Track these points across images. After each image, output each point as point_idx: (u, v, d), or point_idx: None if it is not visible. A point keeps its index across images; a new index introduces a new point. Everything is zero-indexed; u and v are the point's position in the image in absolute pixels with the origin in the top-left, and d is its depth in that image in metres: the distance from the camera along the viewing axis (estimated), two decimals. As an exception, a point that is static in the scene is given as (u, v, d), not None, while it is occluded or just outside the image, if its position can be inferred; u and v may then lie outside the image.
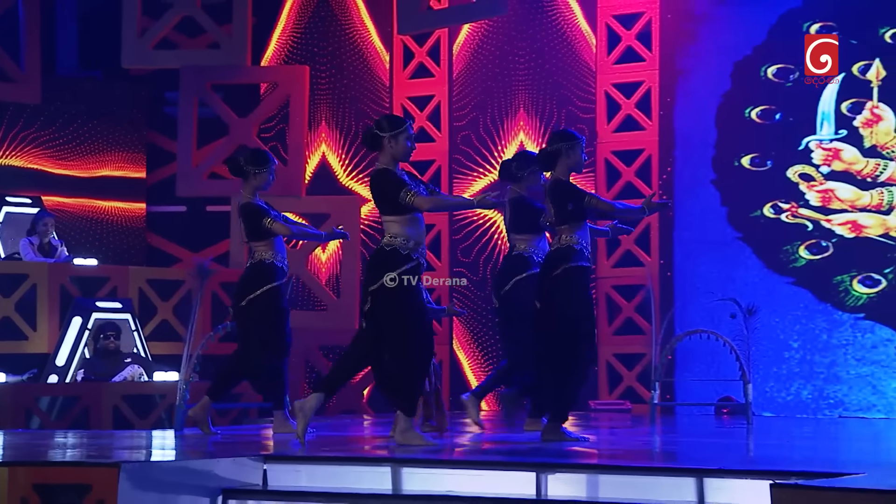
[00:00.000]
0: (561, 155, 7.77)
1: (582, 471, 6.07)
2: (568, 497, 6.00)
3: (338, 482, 6.47)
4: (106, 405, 10.55)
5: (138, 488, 5.94)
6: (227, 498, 6.37)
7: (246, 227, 8.85)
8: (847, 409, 12.01)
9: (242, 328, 8.83)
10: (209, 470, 6.39)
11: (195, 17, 13.28)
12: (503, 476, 6.17)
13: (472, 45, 13.75)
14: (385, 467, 6.40)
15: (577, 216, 7.72)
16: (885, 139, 12.17)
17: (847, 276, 12.16)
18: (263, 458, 6.63)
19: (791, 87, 12.54)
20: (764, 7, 12.66)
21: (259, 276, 8.76)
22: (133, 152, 14.32)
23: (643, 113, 12.87)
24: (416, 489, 6.30)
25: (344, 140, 14.10)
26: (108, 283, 12.19)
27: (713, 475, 5.80)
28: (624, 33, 12.99)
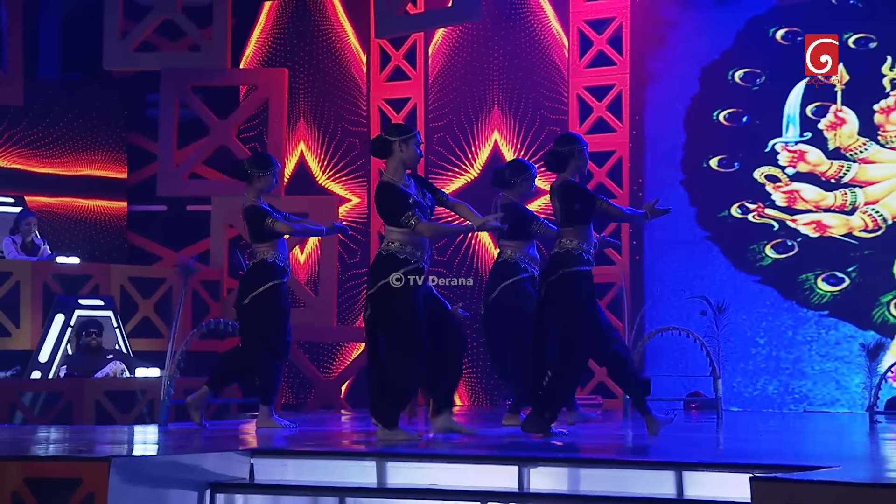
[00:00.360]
0: (572, 157, 7.77)
1: (563, 464, 6.06)
2: (550, 490, 5.99)
3: (324, 476, 6.43)
4: (88, 401, 10.48)
5: (128, 482, 5.90)
6: (215, 492, 6.33)
7: (249, 230, 8.82)
8: (811, 403, 12.05)
9: (244, 326, 8.81)
10: (197, 464, 6.35)
11: (175, 20, 13.20)
12: (486, 470, 6.16)
13: (448, 49, 13.73)
14: (370, 461, 6.38)
15: (582, 218, 7.68)
16: (849, 141, 12.22)
17: (812, 274, 12.21)
18: (250, 452, 6.59)
19: (757, 90, 12.58)
20: (731, 13, 12.70)
21: (260, 274, 8.74)
22: (114, 153, 14.23)
23: (614, 115, 12.87)
24: (401, 483, 6.29)
25: (322, 141, 14.06)
26: (90, 281, 12.14)
27: (692, 468, 5.80)
28: (595, 38, 13.00)
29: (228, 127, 13.24)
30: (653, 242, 12.41)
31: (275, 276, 8.73)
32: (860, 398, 11.74)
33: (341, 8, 14.17)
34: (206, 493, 6.31)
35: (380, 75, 13.86)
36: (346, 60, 14.12)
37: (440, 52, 13.76)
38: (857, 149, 12.18)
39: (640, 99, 12.92)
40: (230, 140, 13.18)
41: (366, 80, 13.99)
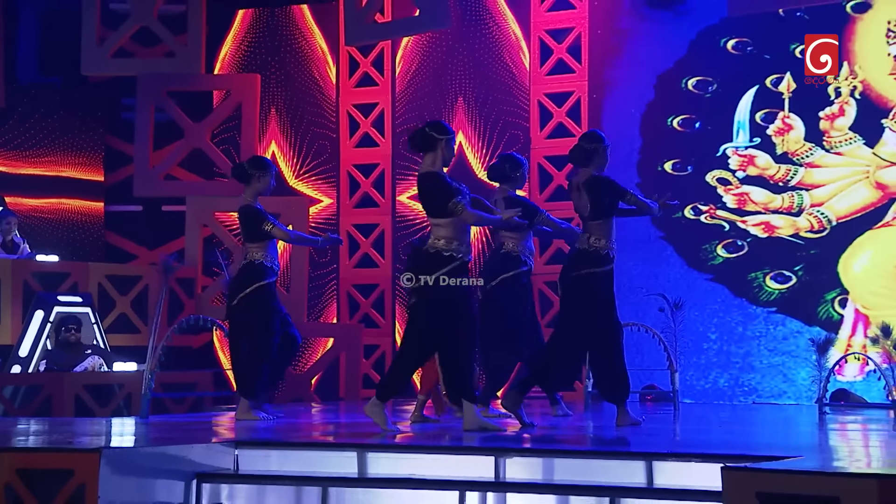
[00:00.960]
0: (596, 154, 7.86)
1: (538, 455, 6.06)
2: (525, 479, 5.98)
3: (306, 466, 6.40)
4: (68, 394, 10.38)
5: (118, 473, 5.86)
6: (202, 482, 6.30)
7: (244, 228, 8.77)
8: (760, 395, 12.09)
9: (232, 325, 8.76)
10: (184, 455, 6.31)
11: (151, 27, 13.13)
12: (463, 460, 6.14)
13: (415, 57, 13.70)
14: (351, 452, 6.35)
15: (610, 211, 7.80)
16: (796, 147, 12.27)
17: (760, 273, 12.24)
18: (235, 443, 6.55)
19: (710, 98, 12.60)
20: (684, 24, 12.71)
21: (249, 275, 8.71)
22: (92, 155, 14.09)
23: (573, 121, 12.86)
24: (381, 472, 6.26)
25: (293, 144, 13.99)
26: (68, 279, 12.05)
27: (662, 459, 5.80)
28: (555, 47, 12.99)
29: (202, 130, 13.17)
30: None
31: (263, 276, 8.70)
32: (806, 390, 11.80)
33: (311, 17, 14.12)
34: (193, 483, 6.28)
35: (348, 81, 13.80)
36: (316, 67, 14.07)
37: (407, 60, 13.73)
38: (804, 154, 12.23)
39: (598, 105, 12.92)
40: (204, 143, 13.12)
41: (335, 86, 13.94)
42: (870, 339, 11.22)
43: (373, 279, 13.59)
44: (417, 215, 13.53)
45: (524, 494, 5.84)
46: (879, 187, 11.95)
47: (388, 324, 13.47)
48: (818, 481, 4.79)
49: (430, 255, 7.25)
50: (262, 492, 6.24)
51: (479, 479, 5.98)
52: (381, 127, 13.69)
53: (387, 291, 13.51)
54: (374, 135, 13.69)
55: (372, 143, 13.70)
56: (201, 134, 13.13)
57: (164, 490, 6.16)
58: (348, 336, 13.02)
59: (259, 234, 8.68)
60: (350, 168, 13.76)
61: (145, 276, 12.57)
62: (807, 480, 4.82)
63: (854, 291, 11.90)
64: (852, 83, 12.10)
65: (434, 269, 7.19)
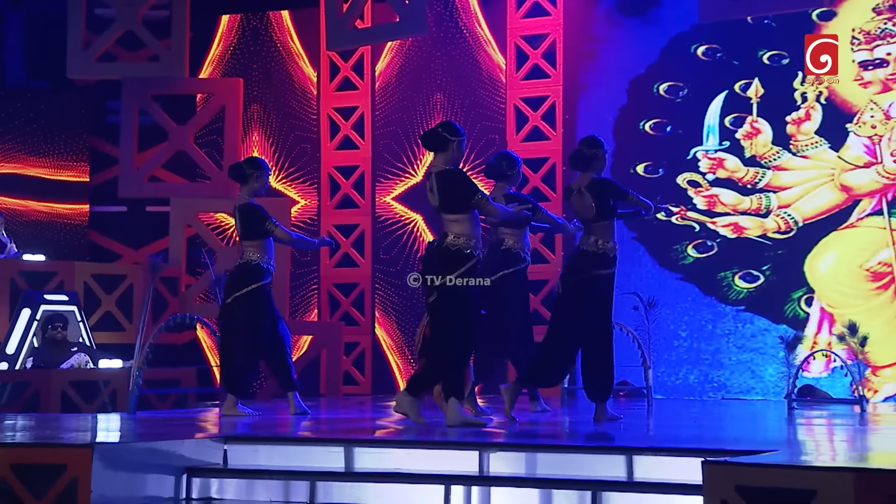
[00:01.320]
0: (596, 159, 7.90)
1: (521, 450, 6.05)
2: (508, 474, 5.96)
3: (294, 461, 6.37)
4: (54, 390, 10.31)
5: (110, 468, 5.82)
6: (191, 476, 6.27)
7: (242, 226, 8.71)
8: (729, 391, 12.13)
9: (225, 323, 8.72)
10: (174, 450, 6.27)
11: (136, 32, 13.03)
12: (448, 455, 6.13)
13: (394, 61, 13.69)
14: (338, 447, 6.32)
15: (613, 213, 7.83)
16: (763, 150, 12.31)
17: (729, 272, 12.28)
18: (224, 438, 6.51)
19: (680, 102, 12.63)
20: (656, 30, 12.74)
21: (246, 275, 8.66)
22: (77, 157, 14.01)
23: (548, 124, 12.87)
24: (368, 467, 6.24)
25: (275, 146, 13.96)
26: (55, 278, 11.98)
27: (641, 453, 5.80)
28: (531, 52, 12.99)
29: (186, 133, 13.10)
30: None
31: (259, 277, 8.67)
32: (773, 386, 11.85)
33: (292, 22, 14.09)
34: (183, 477, 6.24)
35: (329, 85, 13.76)
36: (297, 71, 14.05)
37: (386, 64, 13.71)
38: (771, 157, 12.27)
39: (572, 109, 12.93)
40: (188, 145, 13.05)
41: (316, 90, 13.91)
42: (836, 336, 11.28)
43: (353, 278, 13.56)
44: (396, 216, 13.53)
45: (508, 488, 5.82)
46: (844, 189, 12.00)
47: (367, 322, 13.45)
48: (796, 475, 4.79)
49: (451, 252, 7.22)
50: (252, 486, 6.20)
51: (463, 473, 5.97)
52: (360, 130, 13.66)
53: (366, 290, 13.49)
54: (354, 137, 13.67)
55: (352, 146, 13.67)
56: (185, 136, 13.05)
57: (155, 484, 6.12)
58: (329, 334, 12.99)
59: (258, 232, 8.64)
60: (331, 170, 13.72)
61: (130, 275, 12.52)
62: (785, 474, 4.83)
63: (819, 290, 11.96)
64: (818, 89, 12.15)
65: (457, 267, 7.18)
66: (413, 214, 13.46)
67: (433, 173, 7.35)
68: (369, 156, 13.62)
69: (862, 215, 11.90)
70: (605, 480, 5.70)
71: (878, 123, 11.91)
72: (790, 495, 4.73)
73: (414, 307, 13.37)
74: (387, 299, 13.50)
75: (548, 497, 5.69)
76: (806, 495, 4.69)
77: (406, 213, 13.50)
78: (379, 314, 13.53)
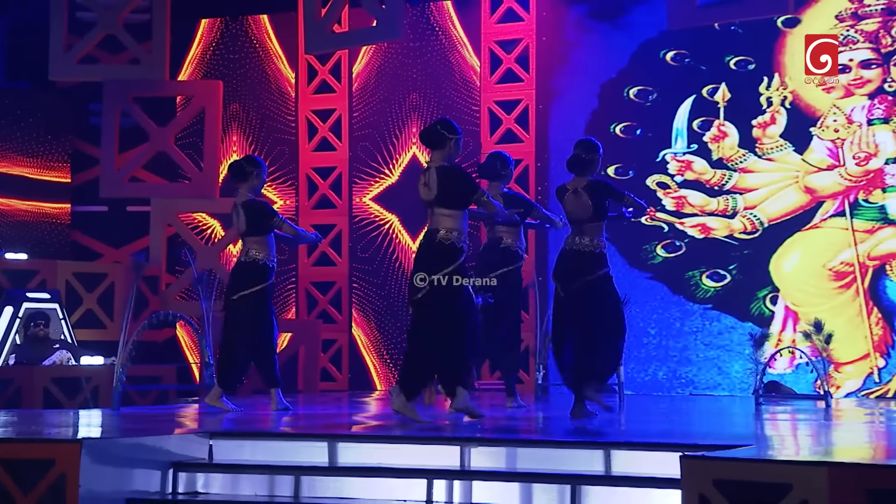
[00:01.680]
0: (594, 164, 8.08)
1: (501, 444, 6.03)
2: (489, 468, 5.95)
3: (278, 456, 6.34)
4: (37, 387, 10.25)
5: (97, 462, 5.79)
6: (177, 471, 6.23)
7: (250, 223, 8.62)
8: (696, 387, 12.15)
9: (229, 319, 8.66)
10: (161, 445, 6.24)
11: (117, 35, 12.89)
12: (430, 449, 6.10)
13: (371, 65, 13.65)
14: (322, 442, 6.29)
15: (606, 214, 7.93)
16: (730, 153, 12.34)
17: (697, 271, 12.30)
18: (209, 434, 6.47)
19: (650, 106, 12.64)
20: (626, 36, 12.75)
21: (253, 274, 8.60)
22: (59, 157, 13.91)
23: (521, 127, 12.86)
24: (351, 462, 6.21)
25: (253, 148, 13.89)
26: (37, 276, 11.92)
27: (619, 448, 5.80)
28: (505, 57, 12.98)
29: (167, 134, 13.01)
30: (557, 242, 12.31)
31: (266, 277, 8.63)
32: (739, 382, 11.89)
33: (271, 26, 14.04)
34: (170, 472, 6.20)
35: (307, 88, 13.69)
36: (276, 74, 13.99)
37: (364, 67, 13.68)
38: (738, 159, 12.31)
39: (545, 113, 12.93)
40: (168, 146, 12.97)
41: (294, 92, 13.85)
42: (802, 334, 11.33)
43: (330, 277, 13.51)
44: (373, 216, 13.50)
45: (489, 482, 5.81)
46: (808, 191, 12.05)
47: (344, 319, 13.41)
48: (772, 469, 4.81)
49: (445, 246, 7.19)
50: (237, 480, 6.17)
51: (445, 467, 5.95)
52: (338, 132, 13.62)
53: (344, 289, 13.44)
54: (331, 139, 13.62)
55: (330, 147, 13.62)
56: (165, 138, 12.97)
57: (142, 479, 6.08)
58: (307, 331, 12.94)
59: (264, 228, 8.61)
60: (309, 171, 13.67)
61: (111, 273, 12.45)
62: (761, 468, 4.84)
63: (784, 289, 12.00)
64: (783, 93, 12.20)
65: (451, 262, 7.14)
66: (389, 215, 13.43)
67: (431, 168, 7.31)
68: (346, 157, 13.57)
69: (825, 216, 11.94)
70: (583, 474, 5.70)
71: (840, 127, 11.97)
72: (766, 489, 4.75)
73: (391, 305, 13.35)
74: (363, 298, 13.46)
75: (528, 491, 5.69)
76: (781, 489, 4.70)
77: (382, 213, 13.47)
78: (356, 312, 13.49)
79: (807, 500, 4.64)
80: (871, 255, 11.73)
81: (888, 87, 11.84)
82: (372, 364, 13.38)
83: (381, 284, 13.42)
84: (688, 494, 4.87)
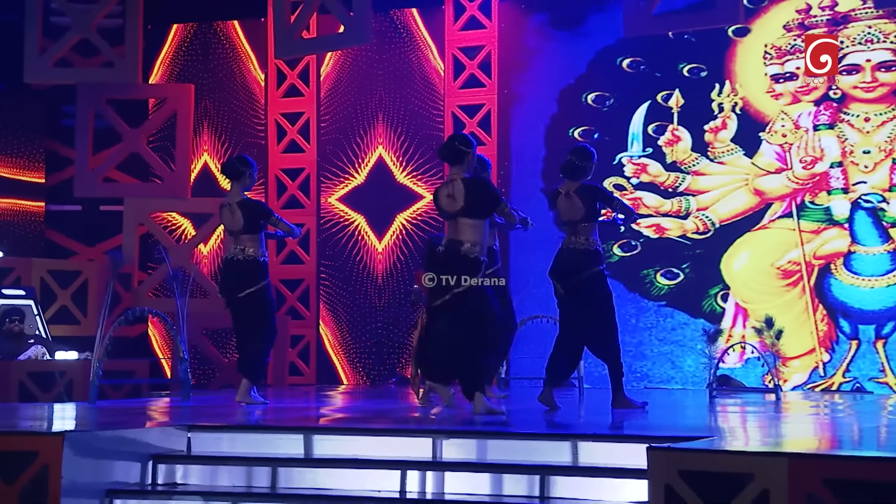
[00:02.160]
0: (587, 170, 8.14)
1: (472, 436, 6.01)
2: (461, 459, 5.94)
3: (254, 448, 6.29)
4: (12, 381, 10.11)
5: (79, 454, 5.72)
6: (157, 462, 6.16)
7: (245, 220, 8.55)
8: (651, 381, 12.21)
9: (237, 315, 8.61)
10: (140, 438, 6.17)
11: (91, 39, 12.77)
12: (403, 442, 6.08)
13: (338, 69, 13.61)
14: (297, 435, 6.25)
15: (597, 215, 8.03)
16: (683, 156, 12.41)
17: (652, 270, 12.36)
18: (188, 427, 6.41)
19: (607, 111, 12.68)
20: (584, 44, 12.79)
21: (256, 272, 8.55)
22: (34, 158, 13.78)
23: (484, 131, 12.85)
24: (326, 453, 6.17)
25: (224, 149, 13.82)
26: (12, 273, 11.83)
27: (586, 439, 5.80)
28: (468, 63, 12.97)
29: (139, 136, 12.91)
30: (517, 241, 12.41)
31: (266, 275, 8.62)
32: (692, 376, 11.96)
33: (242, 32, 13.96)
34: (149, 464, 6.13)
35: (276, 91, 13.64)
36: (246, 78, 13.92)
37: (331, 72, 13.64)
38: (691, 163, 12.38)
39: (506, 117, 12.94)
40: (141, 147, 12.87)
41: (264, 96, 13.78)
42: (754, 329, 11.40)
43: (299, 274, 13.46)
44: (339, 216, 13.46)
45: (460, 473, 5.79)
46: (757, 193, 12.13)
47: (312, 316, 13.36)
48: (735, 460, 4.82)
49: (470, 259, 7.20)
50: (215, 472, 6.11)
51: (418, 459, 5.92)
52: (306, 134, 13.57)
53: (311, 286, 13.39)
54: (300, 141, 13.57)
55: (298, 150, 13.58)
56: (138, 139, 12.86)
57: (122, 470, 6.01)
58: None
59: (259, 226, 8.58)
60: (278, 172, 13.61)
61: (85, 271, 12.35)
62: (724, 459, 4.85)
63: (734, 287, 12.08)
64: (734, 100, 12.27)
65: (474, 272, 7.19)
66: (356, 215, 13.40)
67: (456, 180, 7.30)
68: (314, 159, 13.52)
69: (773, 217, 12.04)
70: (552, 465, 5.70)
71: (788, 132, 12.06)
72: (729, 479, 4.76)
73: (357, 303, 13.30)
74: (331, 295, 13.41)
75: (498, 481, 5.67)
76: (743, 479, 4.72)
77: (349, 213, 13.43)
78: (323, 309, 13.44)
79: (767, 489, 4.65)
80: (816, 254, 11.83)
81: (833, 95, 11.93)
82: (338, 359, 13.34)
83: (348, 281, 13.38)
84: (654, 484, 4.87)
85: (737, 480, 4.73)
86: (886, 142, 11.70)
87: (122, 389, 10.83)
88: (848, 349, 11.59)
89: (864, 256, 11.67)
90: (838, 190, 11.81)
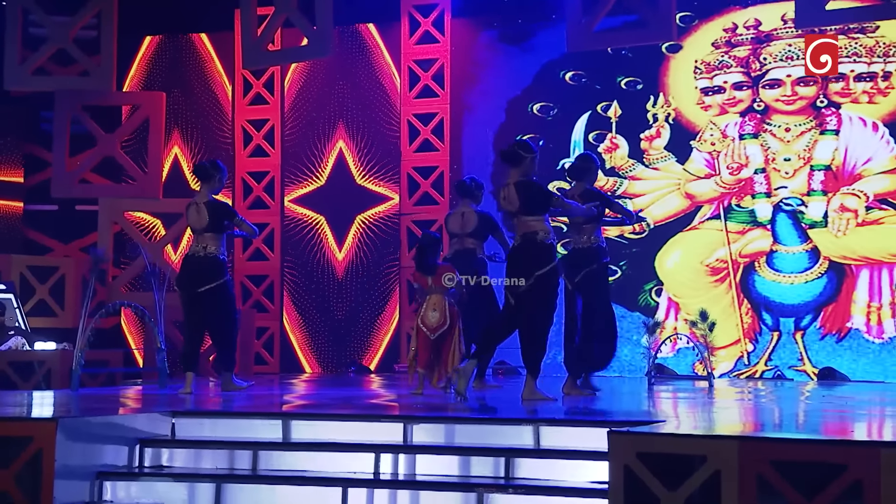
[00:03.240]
0: (590, 172, 8.25)
1: (441, 422, 5.98)
2: (430, 443, 5.91)
3: (236, 433, 6.22)
4: (-6, 370, 9.97)
5: (71, 439, 5.64)
6: (144, 446, 6.09)
7: (211, 219, 8.44)
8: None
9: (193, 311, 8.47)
10: (128, 423, 6.09)
11: (68, 49, 12.56)
12: (376, 426, 6.04)
13: (301, 79, 13.51)
14: (276, 420, 6.18)
15: (600, 217, 8.08)
16: (621, 162, 12.45)
17: (592, 267, 12.36)
18: (172, 413, 6.32)
19: (551, 120, 12.69)
20: (530, 58, 12.79)
21: (213, 269, 8.45)
22: (13, 160, 13.55)
23: (437, 138, 12.83)
24: (303, 437, 6.12)
25: (193, 154, 13.67)
26: (-7, 269, 11.59)
27: (547, 424, 5.79)
28: (422, 74, 12.93)
29: (113, 140, 12.71)
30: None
31: (225, 271, 8.54)
32: (628, 364, 11.98)
33: (210, 44, 13.82)
34: (136, 447, 6.05)
35: (243, 100, 13.52)
36: (214, 87, 13.78)
37: (295, 82, 13.54)
38: (628, 168, 12.42)
39: (458, 125, 12.91)
40: (115, 151, 12.69)
41: (231, 104, 13.65)
42: (689, 322, 11.46)
43: (263, 270, 13.36)
44: (302, 216, 13.37)
45: (430, 456, 5.76)
46: (688, 197, 12.20)
47: (276, 309, 13.26)
48: (689, 443, 4.84)
49: (546, 246, 7.39)
50: (199, 455, 6.04)
51: (391, 442, 5.89)
52: (271, 140, 13.47)
53: (276, 281, 13.29)
54: (265, 146, 13.46)
55: (263, 154, 13.47)
56: (112, 143, 12.67)
57: (111, 454, 5.94)
58: (242, 319, 12.66)
59: (222, 226, 8.49)
60: (244, 175, 13.49)
61: (62, 266, 12.17)
62: (680, 442, 4.87)
63: (667, 283, 12.14)
64: (667, 111, 12.33)
65: (552, 258, 7.37)
66: (317, 215, 13.31)
67: (511, 184, 7.45)
68: (279, 163, 13.42)
69: (703, 219, 12.11)
70: (516, 448, 5.68)
71: (716, 141, 12.14)
72: (684, 460, 4.78)
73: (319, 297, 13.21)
74: (294, 289, 13.31)
75: (466, 463, 5.65)
76: (697, 460, 4.74)
77: (310, 213, 13.34)
78: (287, 302, 13.34)
79: (719, 469, 4.68)
80: (742, 253, 11.93)
81: (757, 107, 12.03)
82: (300, 350, 13.25)
83: (310, 276, 13.29)
84: (614, 465, 4.87)
85: (691, 462, 4.75)
86: (805, 150, 11.83)
87: (98, 378, 10.69)
88: (770, 340, 11.69)
89: (785, 255, 11.78)
90: (762, 194, 11.91)
